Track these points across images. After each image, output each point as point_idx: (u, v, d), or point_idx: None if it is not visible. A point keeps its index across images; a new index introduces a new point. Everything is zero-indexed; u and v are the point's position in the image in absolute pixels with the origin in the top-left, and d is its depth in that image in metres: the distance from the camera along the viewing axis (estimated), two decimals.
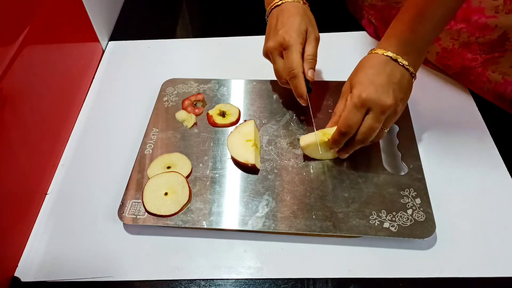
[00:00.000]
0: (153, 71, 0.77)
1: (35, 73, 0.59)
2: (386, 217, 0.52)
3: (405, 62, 0.52)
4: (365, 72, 0.53)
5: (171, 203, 0.55)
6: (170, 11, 0.94)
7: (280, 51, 0.60)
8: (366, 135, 0.52)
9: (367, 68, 0.53)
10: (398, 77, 0.52)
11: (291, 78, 0.60)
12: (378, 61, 0.53)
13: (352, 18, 0.84)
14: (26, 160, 0.56)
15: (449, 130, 0.64)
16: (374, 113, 0.51)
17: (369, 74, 0.52)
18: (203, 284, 0.51)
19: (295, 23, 0.60)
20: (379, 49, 0.53)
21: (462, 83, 0.68)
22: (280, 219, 0.53)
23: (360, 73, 0.53)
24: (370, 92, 0.51)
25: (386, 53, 0.52)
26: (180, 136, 0.64)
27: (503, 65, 0.62)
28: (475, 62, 0.64)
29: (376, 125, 0.52)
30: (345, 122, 0.52)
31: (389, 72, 0.52)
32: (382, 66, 0.52)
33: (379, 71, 0.52)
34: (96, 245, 0.54)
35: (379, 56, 0.53)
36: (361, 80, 0.52)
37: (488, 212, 0.55)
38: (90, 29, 0.77)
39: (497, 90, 0.63)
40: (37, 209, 0.58)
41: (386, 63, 0.52)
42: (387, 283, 0.50)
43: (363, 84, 0.52)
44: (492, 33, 0.61)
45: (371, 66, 0.53)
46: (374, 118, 0.51)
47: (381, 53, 0.53)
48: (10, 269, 0.53)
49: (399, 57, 0.52)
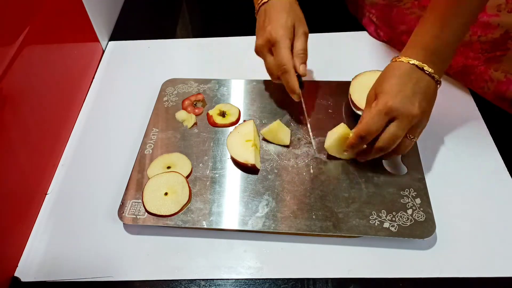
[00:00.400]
0: (153, 71, 0.77)
1: (35, 73, 0.59)
2: (386, 217, 0.52)
3: (431, 70, 0.51)
4: (390, 81, 0.52)
5: (171, 203, 0.55)
6: (170, 11, 0.94)
7: (269, 47, 0.61)
8: (387, 142, 0.51)
9: (393, 77, 0.52)
10: (424, 86, 0.51)
11: (282, 74, 0.60)
12: (404, 70, 0.51)
13: (352, 18, 0.84)
14: (26, 160, 0.56)
15: (449, 130, 0.64)
16: (398, 121, 0.50)
17: (395, 84, 0.51)
18: (203, 284, 0.51)
19: (282, 19, 0.60)
20: (403, 57, 0.52)
21: (463, 82, 0.68)
22: (280, 219, 0.53)
23: (386, 82, 0.52)
24: (396, 101, 0.50)
25: (411, 61, 0.51)
26: (180, 136, 0.64)
27: (505, 63, 0.62)
28: (477, 61, 0.64)
29: (399, 133, 0.51)
30: (366, 127, 0.52)
31: (415, 81, 0.51)
32: (407, 75, 0.51)
33: (405, 80, 0.51)
34: (96, 245, 0.54)
35: (404, 64, 0.52)
36: (386, 89, 0.51)
37: (488, 212, 0.55)
38: (90, 29, 0.77)
39: (499, 89, 0.63)
40: (37, 209, 0.58)
41: (411, 71, 0.51)
42: (387, 283, 0.50)
43: (389, 94, 0.51)
44: (495, 31, 0.60)
45: (396, 75, 0.52)
46: (397, 126, 0.50)
47: (406, 61, 0.51)
48: (10, 269, 0.53)
49: (425, 65, 0.51)
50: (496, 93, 0.64)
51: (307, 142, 0.62)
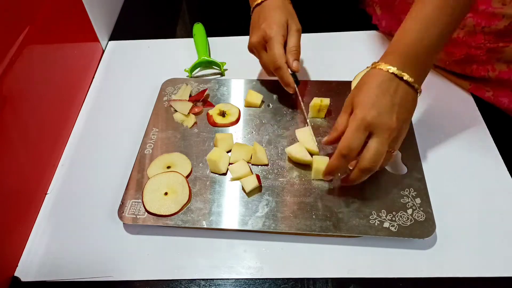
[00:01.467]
0: (153, 71, 0.77)
1: (35, 73, 0.59)
2: (386, 217, 0.52)
3: (411, 79, 0.49)
4: (368, 92, 0.49)
5: (171, 203, 0.55)
6: (170, 11, 0.94)
7: (263, 44, 0.62)
8: (372, 161, 0.49)
9: (370, 87, 0.50)
10: (402, 96, 0.49)
11: (276, 70, 0.61)
12: (382, 79, 0.49)
13: (363, 17, 0.83)
14: (26, 160, 0.56)
15: (449, 130, 0.64)
16: (378, 136, 0.48)
17: (372, 95, 0.49)
18: (203, 284, 0.51)
19: (275, 16, 0.62)
20: (382, 63, 0.50)
21: (463, 71, 0.68)
22: (280, 219, 0.53)
23: (363, 92, 0.50)
24: (373, 115, 0.48)
25: (390, 69, 0.49)
26: (180, 136, 0.64)
27: (508, 54, 0.62)
28: (479, 51, 0.64)
29: (381, 149, 0.48)
30: (346, 144, 0.49)
31: (393, 92, 0.49)
32: (385, 85, 0.49)
33: (383, 91, 0.49)
34: (96, 245, 0.54)
35: (383, 72, 0.49)
36: (363, 100, 0.49)
37: (488, 212, 0.55)
38: (90, 29, 0.77)
39: (500, 77, 0.63)
40: (37, 209, 0.58)
41: (389, 81, 0.49)
42: (387, 283, 0.50)
43: (365, 106, 0.49)
44: (499, 22, 0.60)
45: (375, 85, 0.49)
46: (379, 142, 0.48)
47: (385, 69, 0.49)
48: (10, 269, 0.53)
49: (405, 74, 0.49)
50: (497, 80, 0.64)
51: None
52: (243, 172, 0.57)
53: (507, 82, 0.63)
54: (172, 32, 0.89)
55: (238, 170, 0.57)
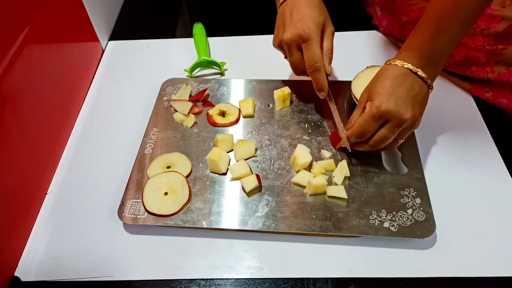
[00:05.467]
0: (153, 71, 0.77)
1: (35, 73, 0.59)
2: (386, 217, 0.52)
3: (425, 75, 0.52)
4: (385, 84, 0.52)
5: (171, 203, 0.55)
6: (170, 11, 0.94)
7: (299, 43, 0.58)
8: (377, 142, 0.53)
9: (387, 79, 0.52)
10: (417, 90, 0.52)
11: (313, 72, 0.59)
12: (398, 73, 0.52)
13: (363, 17, 0.83)
14: (26, 160, 0.56)
15: (449, 130, 0.64)
16: (390, 124, 0.51)
17: (389, 86, 0.51)
18: (203, 283, 0.51)
19: (314, 14, 0.58)
20: (398, 60, 0.53)
21: (463, 72, 0.68)
22: (280, 219, 0.53)
23: (379, 84, 0.53)
24: (390, 104, 0.50)
25: (406, 65, 0.52)
26: (180, 135, 0.64)
27: (507, 56, 0.62)
28: (479, 53, 0.64)
29: (390, 135, 0.52)
30: (360, 130, 0.53)
31: (409, 85, 0.51)
32: (401, 78, 0.51)
33: (399, 83, 0.51)
34: (96, 245, 0.54)
35: (398, 67, 0.52)
36: (380, 91, 0.52)
37: (488, 212, 0.55)
38: (90, 29, 0.77)
39: (499, 79, 0.63)
40: (37, 209, 0.58)
41: (405, 75, 0.52)
42: (387, 283, 0.50)
43: (382, 96, 0.51)
44: (498, 25, 0.60)
45: (391, 77, 0.52)
46: (389, 129, 0.52)
47: (400, 64, 0.52)
48: (10, 269, 0.53)
49: (419, 70, 0.51)
50: (496, 82, 0.64)
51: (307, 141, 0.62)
52: (243, 172, 0.57)
53: (506, 84, 0.63)
54: (172, 32, 0.89)
55: (238, 170, 0.57)
